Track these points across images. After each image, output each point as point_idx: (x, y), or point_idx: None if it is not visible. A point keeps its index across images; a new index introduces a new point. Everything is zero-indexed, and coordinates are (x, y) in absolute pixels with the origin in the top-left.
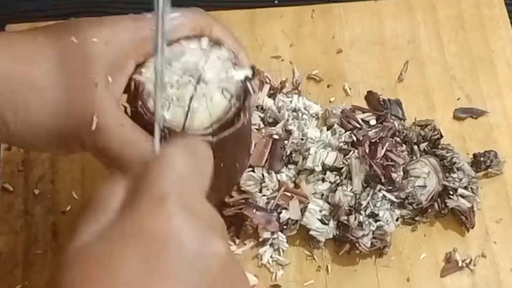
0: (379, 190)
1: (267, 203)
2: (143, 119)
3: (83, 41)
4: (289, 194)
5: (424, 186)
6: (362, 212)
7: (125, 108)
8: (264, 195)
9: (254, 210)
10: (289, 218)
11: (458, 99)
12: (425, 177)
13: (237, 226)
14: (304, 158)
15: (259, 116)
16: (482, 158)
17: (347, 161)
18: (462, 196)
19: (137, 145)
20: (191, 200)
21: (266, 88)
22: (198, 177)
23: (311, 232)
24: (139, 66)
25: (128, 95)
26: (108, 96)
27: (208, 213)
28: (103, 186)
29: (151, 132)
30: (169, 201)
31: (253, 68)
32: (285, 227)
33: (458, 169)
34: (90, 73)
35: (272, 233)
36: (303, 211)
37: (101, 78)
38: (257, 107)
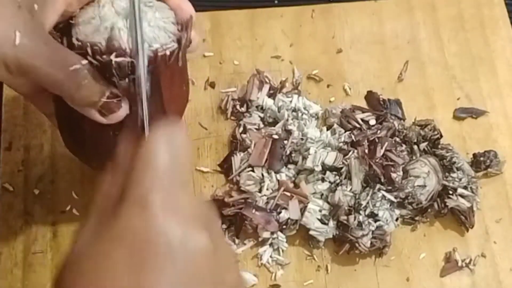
0: (379, 190)
1: (267, 203)
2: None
3: None
4: (288, 194)
5: (424, 186)
6: (361, 212)
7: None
8: (264, 195)
9: (254, 210)
10: (288, 218)
11: (458, 99)
12: (424, 177)
13: (237, 226)
14: (304, 158)
15: (259, 116)
16: (482, 158)
17: (346, 161)
18: (462, 196)
19: (63, 63)
20: (173, 195)
21: (266, 88)
22: (179, 169)
23: (311, 232)
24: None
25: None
26: (32, 19)
27: (190, 203)
28: (95, 190)
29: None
30: (151, 201)
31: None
32: (284, 227)
33: (457, 168)
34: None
35: (272, 233)
36: (302, 211)
37: (25, 3)
38: (256, 107)
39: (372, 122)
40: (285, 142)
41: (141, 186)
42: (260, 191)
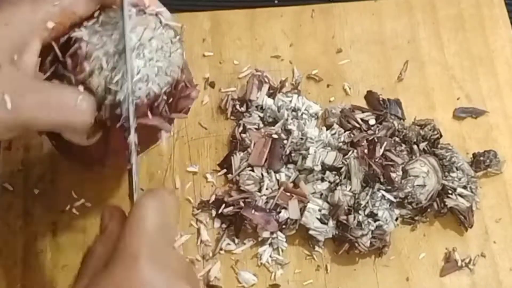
0: (378, 190)
1: (266, 202)
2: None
3: None
4: (288, 193)
5: (423, 186)
6: (361, 211)
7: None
8: (263, 195)
9: (253, 211)
10: (288, 218)
11: (458, 98)
12: (424, 176)
13: (237, 225)
14: (304, 158)
15: (259, 116)
16: (481, 158)
17: (346, 160)
18: (461, 196)
19: (61, 104)
20: (160, 252)
21: (266, 87)
22: (167, 230)
23: (311, 232)
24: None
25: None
26: (16, 72)
27: (176, 260)
28: (90, 248)
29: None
30: (140, 259)
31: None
32: (284, 226)
33: (457, 168)
34: None
35: (272, 232)
36: (302, 210)
37: (5, 59)
38: (256, 107)
39: (372, 122)
40: (285, 141)
41: (131, 246)
42: (259, 190)
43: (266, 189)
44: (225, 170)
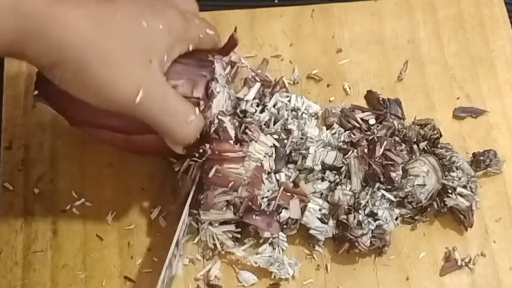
0: (378, 189)
1: (268, 204)
2: None
3: (151, 27)
4: (288, 194)
5: (423, 185)
6: (361, 211)
7: None
8: (265, 197)
9: (254, 216)
10: (289, 218)
11: (457, 98)
12: (424, 176)
13: (241, 229)
14: (304, 157)
15: (259, 116)
16: (481, 157)
17: (346, 160)
18: (461, 195)
19: (178, 115)
20: None
21: (265, 87)
22: None
23: (311, 231)
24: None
25: None
26: (159, 72)
27: None
28: None
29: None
30: None
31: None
32: (285, 226)
33: (457, 168)
34: (149, 55)
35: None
36: (302, 210)
37: (157, 58)
38: (256, 106)
39: (372, 121)
40: (285, 141)
41: None
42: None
43: (268, 190)
44: None
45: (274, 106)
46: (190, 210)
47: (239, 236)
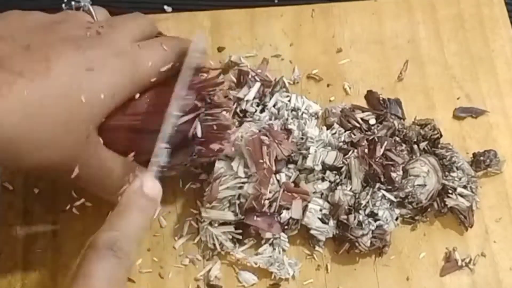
0: (379, 189)
1: (270, 206)
2: None
3: (91, 99)
4: (289, 193)
5: (424, 185)
6: (361, 211)
7: None
8: (266, 198)
9: (255, 217)
10: (290, 218)
11: (458, 98)
12: (424, 176)
13: (243, 230)
14: (304, 158)
15: (259, 115)
16: (481, 157)
17: (346, 160)
18: (461, 195)
19: (116, 184)
20: None
21: (265, 87)
22: None
23: (312, 232)
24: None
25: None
26: (96, 143)
27: None
28: None
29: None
30: None
31: None
32: (286, 227)
33: (457, 168)
34: (86, 130)
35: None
36: (303, 210)
37: (96, 123)
38: (256, 106)
39: (372, 121)
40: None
41: None
42: None
43: (270, 192)
44: None
45: (274, 106)
46: (190, 210)
47: (239, 237)
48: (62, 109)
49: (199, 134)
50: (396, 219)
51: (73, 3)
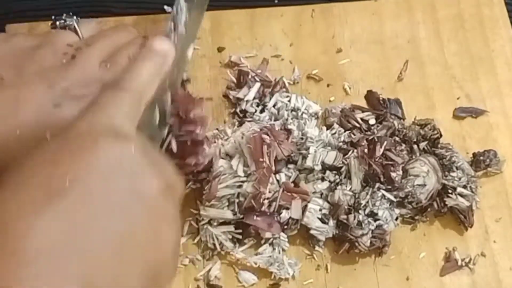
0: (379, 189)
1: (269, 205)
2: None
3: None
4: (289, 193)
5: (424, 185)
6: (361, 211)
7: None
8: (266, 198)
9: (255, 217)
10: (290, 218)
11: (457, 98)
12: (424, 176)
13: (242, 230)
14: (304, 158)
15: (259, 115)
16: (481, 157)
17: (346, 160)
18: (461, 195)
19: None
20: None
21: (265, 87)
22: None
23: (312, 232)
24: None
25: None
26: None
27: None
28: None
29: None
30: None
31: None
32: (286, 227)
33: (457, 168)
34: None
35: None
36: (303, 210)
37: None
38: (256, 106)
39: (372, 121)
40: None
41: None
42: None
43: (269, 192)
44: None
45: (274, 106)
46: (190, 210)
47: (239, 237)
48: (25, 147)
49: (174, 149)
50: (396, 219)
51: (57, 23)
